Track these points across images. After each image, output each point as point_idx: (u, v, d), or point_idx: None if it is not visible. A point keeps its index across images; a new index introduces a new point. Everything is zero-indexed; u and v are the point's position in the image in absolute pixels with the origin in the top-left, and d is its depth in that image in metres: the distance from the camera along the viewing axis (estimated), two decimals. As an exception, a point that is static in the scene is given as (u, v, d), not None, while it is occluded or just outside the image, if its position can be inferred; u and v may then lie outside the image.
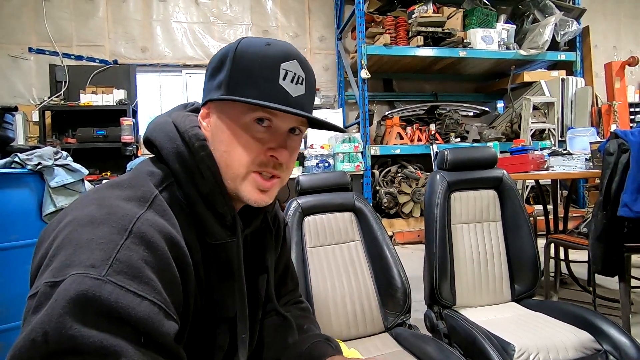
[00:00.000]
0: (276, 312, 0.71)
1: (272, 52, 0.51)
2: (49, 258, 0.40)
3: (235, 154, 0.52)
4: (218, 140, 0.53)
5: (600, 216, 1.56)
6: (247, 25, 4.46)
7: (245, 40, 0.53)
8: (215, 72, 0.54)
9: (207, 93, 0.55)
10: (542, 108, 4.10)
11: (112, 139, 3.63)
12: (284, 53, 0.52)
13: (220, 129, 0.53)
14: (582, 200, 4.17)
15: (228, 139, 0.52)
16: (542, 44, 4.10)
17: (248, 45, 0.52)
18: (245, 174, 0.53)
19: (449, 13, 4.18)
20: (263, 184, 0.54)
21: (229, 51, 0.52)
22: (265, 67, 0.50)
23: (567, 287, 2.37)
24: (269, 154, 0.53)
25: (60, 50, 3.92)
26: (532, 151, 2.21)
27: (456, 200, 1.49)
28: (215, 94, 0.52)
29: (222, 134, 0.53)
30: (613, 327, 1.11)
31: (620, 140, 1.51)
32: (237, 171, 0.52)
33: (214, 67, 0.54)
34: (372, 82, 4.28)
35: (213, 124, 0.54)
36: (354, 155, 3.68)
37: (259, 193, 0.54)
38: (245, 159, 0.52)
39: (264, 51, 0.51)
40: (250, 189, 0.53)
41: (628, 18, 5.54)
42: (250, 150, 0.52)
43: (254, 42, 0.52)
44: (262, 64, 0.50)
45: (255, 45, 0.52)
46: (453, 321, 1.28)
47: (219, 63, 0.53)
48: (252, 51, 0.51)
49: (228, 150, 0.52)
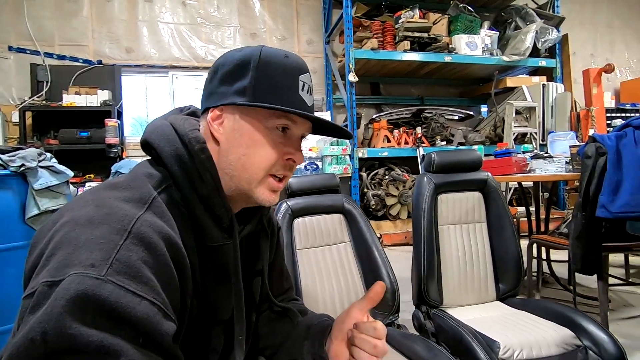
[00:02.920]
0: (273, 306, 0.72)
1: (290, 64, 0.55)
2: (46, 258, 0.40)
3: (255, 157, 0.54)
4: (236, 144, 0.54)
5: (579, 217, 1.61)
6: (234, 28, 4.44)
7: (266, 49, 0.55)
8: (233, 78, 0.55)
9: (221, 97, 0.55)
10: (524, 112, 4.22)
11: (96, 140, 3.56)
12: (300, 66, 0.56)
13: (239, 132, 0.54)
14: (562, 202, 4.31)
15: (249, 143, 0.54)
16: (524, 50, 4.23)
17: (270, 55, 0.54)
18: (263, 177, 0.55)
19: (434, 19, 4.27)
20: (276, 185, 0.57)
21: (251, 58, 0.54)
22: (287, 78, 0.54)
23: (548, 286, 2.44)
24: (286, 157, 0.56)
25: (42, 49, 3.82)
26: (515, 154, 2.27)
27: (443, 202, 1.52)
28: (238, 99, 0.53)
29: (241, 137, 0.54)
30: (592, 324, 1.16)
31: (598, 144, 1.57)
32: (256, 174, 0.55)
33: (229, 72, 0.55)
34: (360, 85, 4.33)
35: (229, 128, 0.55)
36: (342, 158, 3.71)
37: (271, 193, 0.57)
38: (266, 163, 0.55)
39: (284, 62, 0.54)
40: (265, 190, 0.56)
41: (604, 27, 5.76)
42: (271, 154, 0.55)
43: (274, 53, 0.55)
44: (284, 74, 0.54)
45: (276, 56, 0.55)
46: (440, 320, 1.31)
47: (239, 69, 0.54)
48: (274, 61, 0.54)
49: (248, 153, 0.54)
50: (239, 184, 0.55)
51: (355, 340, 0.58)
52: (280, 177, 0.57)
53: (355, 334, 0.58)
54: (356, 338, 0.58)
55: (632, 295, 2.24)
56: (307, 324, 0.68)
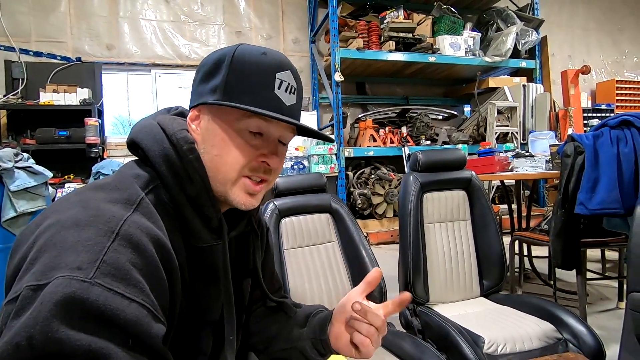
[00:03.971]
0: (268, 301, 0.71)
1: (267, 61, 0.52)
2: (30, 261, 0.38)
3: (228, 158, 0.52)
4: (210, 144, 0.53)
5: (559, 214, 1.67)
6: (219, 26, 4.39)
7: (242, 47, 0.53)
8: (209, 76, 0.53)
9: (199, 96, 0.54)
10: (506, 112, 4.32)
11: (75, 140, 3.45)
12: (279, 63, 0.53)
13: (212, 132, 0.53)
14: (543, 200, 4.43)
15: (221, 143, 0.52)
16: (505, 51, 4.33)
17: (245, 52, 0.53)
18: (236, 178, 0.53)
19: (419, 19, 4.32)
20: (252, 188, 0.55)
21: (226, 56, 0.52)
22: (261, 75, 0.52)
23: (530, 281, 2.51)
24: (260, 159, 0.54)
25: (18, 45, 3.69)
26: (497, 153, 2.33)
27: (428, 200, 1.54)
28: (210, 97, 0.52)
29: (214, 137, 0.53)
30: (572, 317, 1.20)
31: (576, 143, 1.62)
32: (229, 175, 0.53)
33: (206, 71, 0.54)
34: (346, 85, 4.34)
35: (204, 127, 0.54)
36: (329, 157, 3.72)
37: (247, 196, 0.55)
38: (238, 164, 0.53)
39: (260, 59, 0.52)
40: (240, 192, 0.54)
41: (580, 30, 5.96)
42: (243, 156, 0.53)
43: (250, 50, 0.53)
44: (259, 72, 0.52)
45: (252, 53, 0.52)
46: (427, 317, 1.33)
47: (214, 67, 0.53)
48: (248, 59, 0.52)
49: (220, 154, 0.52)
50: (215, 185, 0.53)
51: (355, 325, 0.58)
52: (258, 180, 0.55)
53: (354, 318, 0.58)
54: (355, 323, 0.58)
55: (608, 289, 2.33)
56: (306, 313, 0.68)
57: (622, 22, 6.18)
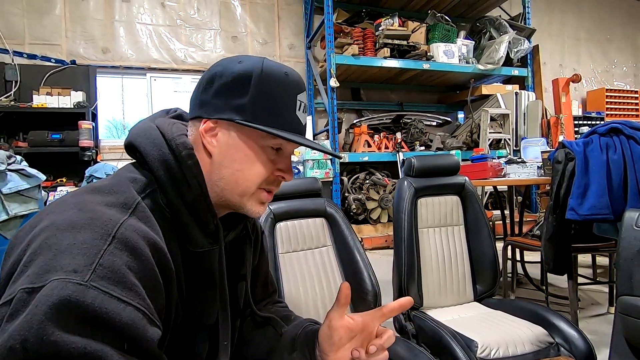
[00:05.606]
0: (255, 315, 0.71)
1: (290, 83, 0.55)
2: (24, 264, 0.38)
3: (249, 172, 0.55)
4: (230, 159, 0.54)
5: (550, 219, 1.69)
6: (215, 30, 4.40)
7: (267, 65, 0.54)
8: (232, 92, 0.53)
9: (216, 109, 0.54)
10: (499, 119, 4.38)
11: (68, 143, 3.42)
12: (298, 84, 0.57)
13: (235, 148, 0.54)
14: (535, 205, 4.48)
15: (244, 159, 0.54)
16: (498, 59, 4.40)
17: (270, 72, 0.54)
18: (255, 191, 0.56)
19: (413, 27, 4.38)
20: (266, 198, 0.58)
21: (252, 74, 0.53)
22: (285, 98, 0.55)
23: (522, 286, 2.53)
24: (277, 173, 0.58)
25: (11, 47, 3.66)
26: (490, 159, 2.35)
27: (422, 205, 1.55)
28: (236, 116, 0.53)
29: (236, 152, 0.54)
30: (563, 322, 1.21)
31: (567, 149, 1.65)
32: (249, 189, 0.56)
33: (226, 85, 0.53)
34: (341, 90, 4.37)
35: (224, 142, 0.54)
36: (324, 162, 3.73)
37: (260, 206, 0.58)
38: (260, 178, 0.56)
39: (283, 80, 0.54)
40: (255, 203, 0.57)
41: (571, 39, 6.08)
42: (264, 171, 0.56)
43: (273, 70, 0.54)
44: (283, 93, 0.55)
45: (275, 74, 0.54)
46: (420, 322, 1.33)
47: (238, 83, 0.53)
48: (273, 79, 0.54)
49: (242, 169, 0.54)
50: (231, 196, 0.55)
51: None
52: (269, 190, 0.59)
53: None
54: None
55: (599, 294, 2.35)
56: (292, 335, 0.67)
57: (610, 33, 6.32)
